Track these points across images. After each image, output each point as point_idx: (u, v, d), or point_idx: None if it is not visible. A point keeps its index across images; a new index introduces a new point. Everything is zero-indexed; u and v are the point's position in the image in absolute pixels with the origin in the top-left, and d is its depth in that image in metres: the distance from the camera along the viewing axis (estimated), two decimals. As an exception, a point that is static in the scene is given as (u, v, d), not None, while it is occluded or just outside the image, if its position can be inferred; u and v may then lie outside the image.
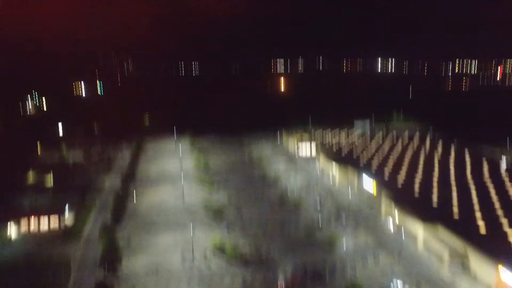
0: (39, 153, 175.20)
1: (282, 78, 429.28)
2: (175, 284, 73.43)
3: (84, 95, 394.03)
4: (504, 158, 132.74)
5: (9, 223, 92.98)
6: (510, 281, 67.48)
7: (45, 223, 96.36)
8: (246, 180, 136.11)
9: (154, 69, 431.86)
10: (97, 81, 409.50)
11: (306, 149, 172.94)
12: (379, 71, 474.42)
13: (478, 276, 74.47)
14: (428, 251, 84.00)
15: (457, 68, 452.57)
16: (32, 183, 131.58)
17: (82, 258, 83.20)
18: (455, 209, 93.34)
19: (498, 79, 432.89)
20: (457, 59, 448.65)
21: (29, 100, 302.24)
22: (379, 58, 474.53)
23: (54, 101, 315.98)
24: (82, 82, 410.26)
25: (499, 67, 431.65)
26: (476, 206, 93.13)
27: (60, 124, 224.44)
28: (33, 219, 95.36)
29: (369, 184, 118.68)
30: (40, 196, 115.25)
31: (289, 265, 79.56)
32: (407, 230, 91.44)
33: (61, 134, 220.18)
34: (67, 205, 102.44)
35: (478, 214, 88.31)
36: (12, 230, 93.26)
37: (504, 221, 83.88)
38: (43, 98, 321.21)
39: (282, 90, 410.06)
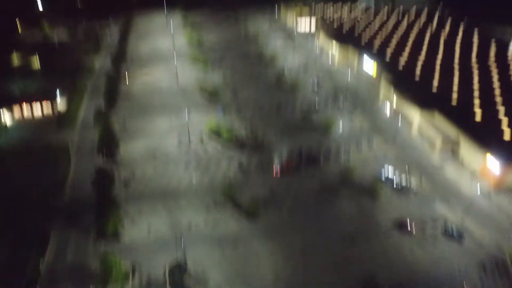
0: (19, 32, 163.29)
1: None
2: (173, 167, 75.64)
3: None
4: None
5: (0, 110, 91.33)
6: (495, 168, 69.91)
7: (38, 110, 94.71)
8: (241, 59, 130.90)
9: None
10: None
11: (305, 24, 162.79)
12: None
13: (466, 162, 76.90)
14: (422, 138, 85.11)
15: None
16: (17, 66, 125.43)
17: (80, 144, 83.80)
18: (454, 95, 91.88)
19: None
20: None
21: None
22: None
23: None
24: None
25: None
26: (476, 93, 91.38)
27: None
28: (25, 106, 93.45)
29: (369, 65, 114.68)
30: (28, 81, 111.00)
31: (284, 148, 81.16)
32: (403, 116, 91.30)
33: (40, 8, 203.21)
34: (58, 90, 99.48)
35: (476, 101, 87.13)
36: (5, 117, 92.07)
37: (501, 108, 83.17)
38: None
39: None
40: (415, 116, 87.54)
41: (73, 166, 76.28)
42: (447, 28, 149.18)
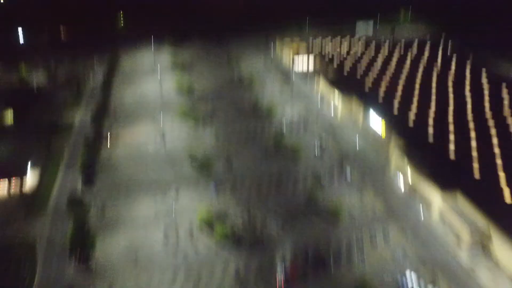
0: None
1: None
2: (158, 277, 63.95)
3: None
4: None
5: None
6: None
7: (4, 189, 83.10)
8: (235, 111, 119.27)
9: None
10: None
11: (302, 63, 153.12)
12: None
13: (500, 262, 66.41)
14: (445, 225, 74.38)
15: None
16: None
17: (49, 240, 71.19)
18: (475, 166, 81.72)
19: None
20: None
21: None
22: None
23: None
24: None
25: None
26: (499, 161, 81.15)
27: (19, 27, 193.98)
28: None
29: (376, 121, 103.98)
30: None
31: (288, 247, 70.05)
32: (420, 193, 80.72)
33: (21, 40, 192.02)
34: (29, 163, 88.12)
35: (503, 180, 76.89)
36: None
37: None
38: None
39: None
40: (434, 195, 76.97)
41: (39, 277, 63.98)
42: (454, 67, 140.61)
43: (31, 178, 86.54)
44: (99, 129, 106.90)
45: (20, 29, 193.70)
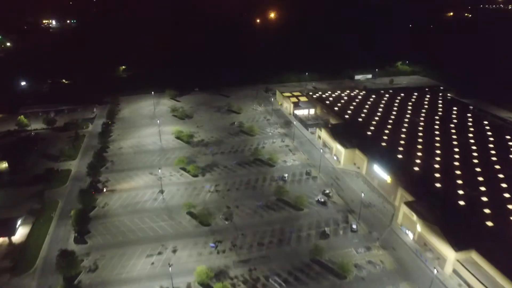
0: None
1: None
2: None
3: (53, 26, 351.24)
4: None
5: None
6: None
7: None
8: (235, 160, 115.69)
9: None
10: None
11: (303, 112, 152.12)
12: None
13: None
14: (458, 284, 69.07)
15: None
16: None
17: None
18: (487, 216, 78.04)
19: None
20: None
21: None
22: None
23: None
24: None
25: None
26: (515, 217, 77.47)
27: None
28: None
29: (380, 167, 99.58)
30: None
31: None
32: (430, 246, 75.78)
33: (23, 83, 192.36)
34: (19, 220, 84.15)
35: (520, 233, 72.80)
36: None
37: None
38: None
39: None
40: (446, 252, 71.91)
41: None
42: (455, 114, 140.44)
43: (20, 234, 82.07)
44: (95, 178, 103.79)
45: (22, 78, 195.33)
